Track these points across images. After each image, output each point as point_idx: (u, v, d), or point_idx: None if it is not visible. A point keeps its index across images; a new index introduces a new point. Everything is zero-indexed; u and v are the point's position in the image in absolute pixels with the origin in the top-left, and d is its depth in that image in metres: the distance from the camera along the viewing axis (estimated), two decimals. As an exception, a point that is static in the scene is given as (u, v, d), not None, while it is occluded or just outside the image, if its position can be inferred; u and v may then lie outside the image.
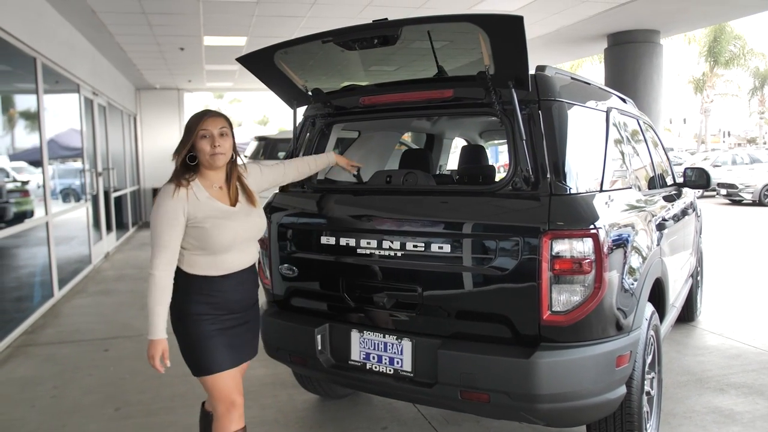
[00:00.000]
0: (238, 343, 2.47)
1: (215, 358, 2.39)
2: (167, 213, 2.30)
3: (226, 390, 2.44)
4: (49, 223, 6.63)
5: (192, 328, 2.37)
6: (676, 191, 4.38)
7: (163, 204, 2.31)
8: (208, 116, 2.40)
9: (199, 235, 2.34)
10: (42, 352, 5.00)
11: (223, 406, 2.45)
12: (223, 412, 2.45)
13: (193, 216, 2.33)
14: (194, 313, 2.37)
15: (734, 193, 17.64)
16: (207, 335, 2.38)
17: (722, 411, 3.60)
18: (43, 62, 6.59)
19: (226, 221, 2.38)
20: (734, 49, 32.53)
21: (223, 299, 2.41)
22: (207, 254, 2.37)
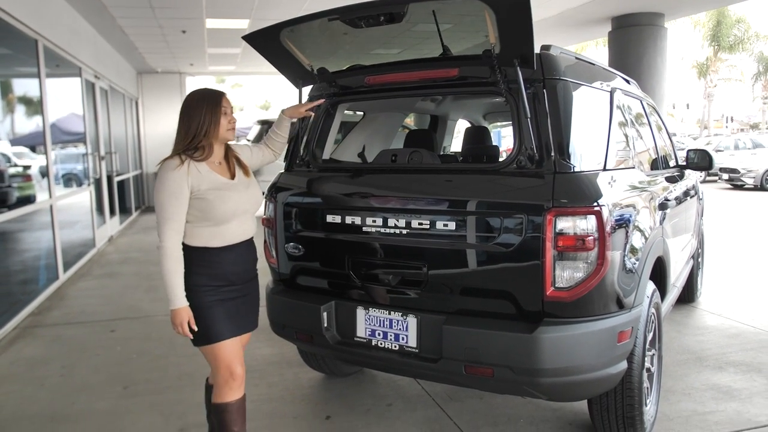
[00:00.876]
0: (236, 314, 2.56)
1: (215, 328, 2.48)
2: (172, 185, 2.38)
3: (226, 359, 2.52)
4: (53, 206, 6.66)
5: (193, 299, 2.44)
6: (678, 173, 4.41)
7: (167, 177, 2.40)
8: (224, 95, 2.55)
9: (202, 207, 2.43)
10: (49, 333, 5.06)
11: (222, 375, 2.54)
12: (222, 381, 2.55)
13: (196, 188, 2.42)
14: (195, 285, 2.45)
15: (736, 177, 17.64)
16: (207, 305, 2.46)
17: (720, 388, 3.65)
18: (45, 45, 6.59)
19: (227, 192, 2.48)
20: (738, 33, 32.33)
21: (223, 271, 2.50)
22: (209, 225, 2.46)
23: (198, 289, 2.46)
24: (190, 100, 2.50)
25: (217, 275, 2.49)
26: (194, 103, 2.48)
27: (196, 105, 2.47)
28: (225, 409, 2.57)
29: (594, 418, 2.93)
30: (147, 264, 7.89)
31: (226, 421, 2.58)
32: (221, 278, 2.50)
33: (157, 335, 4.90)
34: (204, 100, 2.48)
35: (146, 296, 6.18)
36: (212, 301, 2.48)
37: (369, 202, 2.89)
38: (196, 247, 2.47)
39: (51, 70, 6.95)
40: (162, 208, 2.39)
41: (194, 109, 2.46)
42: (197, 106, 2.46)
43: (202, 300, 2.46)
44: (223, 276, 2.51)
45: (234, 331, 2.55)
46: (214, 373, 2.59)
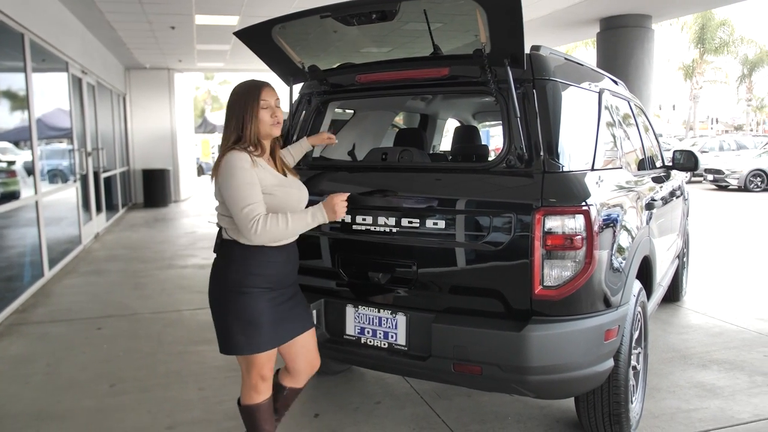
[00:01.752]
0: (286, 319, 2.47)
1: (263, 338, 2.38)
2: (248, 174, 2.27)
3: (259, 366, 2.46)
4: (38, 202, 6.60)
5: (249, 304, 2.34)
6: (665, 173, 4.45)
7: (238, 167, 2.26)
8: (265, 87, 2.39)
9: (271, 203, 2.34)
10: (34, 331, 5.01)
11: (252, 380, 2.50)
12: (251, 385, 2.51)
13: (263, 182, 2.33)
14: (251, 287, 2.35)
15: (721, 178, 17.83)
16: (259, 312, 2.36)
17: (704, 385, 3.70)
18: (31, 39, 6.52)
19: (288, 188, 2.43)
20: (723, 35, 32.66)
21: (277, 272, 2.41)
22: None
23: (252, 292, 2.35)
24: (233, 93, 2.39)
25: (271, 276, 2.39)
26: (235, 98, 2.38)
27: (237, 99, 2.37)
28: (256, 410, 2.54)
29: (581, 415, 2.96)
30: (134, 261, 7.84)
31: (257, 421, 2.55)
32: (274, 280, 2.41)
33: (145, 333, 4.88)
34: (243, 95, 2.36)
35: (133, 293, 6.14)
36: (267, 307, 2.38)
37: (358, 200, 2.89)
38: (254, 246, 2.35)
39: (37, 64, 6.89)
40: (242, 197, 2.24)
41: (235, 104, 2.36)
42: (237, 100, 2.36)
43: (255, 306, 2.35)
44: (277, 278, 2.41)
45: (279, 340, 2.45)
46: (244, 375, 2.51)
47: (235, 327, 2.37)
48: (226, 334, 2.40)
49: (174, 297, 5.86)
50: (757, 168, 17.40)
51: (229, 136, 2.36)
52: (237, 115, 2.35)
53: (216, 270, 2.44)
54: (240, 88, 2.39)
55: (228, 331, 2.39)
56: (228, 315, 2.38)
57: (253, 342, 2.38)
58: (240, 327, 2.36)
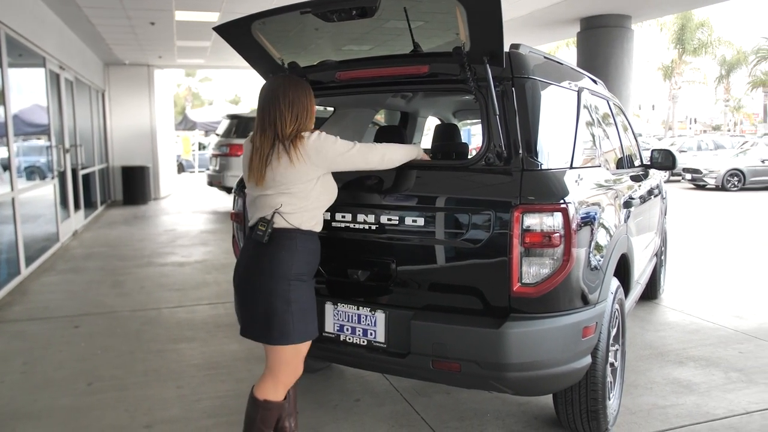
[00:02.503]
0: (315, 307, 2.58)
1: (315, 324, 2.51)
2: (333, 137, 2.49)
3: (302, 357, 2.53)
4: (15, 199, 6.50)
5: (306, 291, 2.45)
6: (643, 172, 4.50)
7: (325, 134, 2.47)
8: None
9: (327, 185, 2.52)
10: (10, 329, 4.93)
11: (293, 373, 2.53)
12: (288, 379, 2.54)
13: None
14: (300, 275, 2.43)
15: (698, 178, 18.08)
16: (311, 299, 2.49)
17: (681, 382, 3.75)
18: (6, 33, 6.41)
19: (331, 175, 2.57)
20: (702, 36, 33.11)
21: (316, 259, 2.54)
22: (317, 208, 2.50)
23: (303, 279, 2.44)
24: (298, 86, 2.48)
25: (314, 264, 2.52)
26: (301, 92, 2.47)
27: (302, 94, 2.47)
28: (277, 408, 2.53)
29: (559, 412, 2.98)
30: (112, 259, 7.75)
31: (268, 419, 2.53)
32: (314, 268, 2.52)
33: (122, 331, 4.82)
34: (303, 91, 2.49)
35: (111, 291, 6.07)
36: (313, 294, 2.51)
37: (338, 197, 2.88)
38: (306, 231, 2.45)
39: (13, 59, 6.78)
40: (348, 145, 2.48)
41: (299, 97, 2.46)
42: (303, 94, 2.47)
43: (310, 293, 2.49)
44: (315, 265, 2.53)
45: (318, 328, 2.58)
46: (278, 371, 2.50)
47: (297, 316, 2.41)
48: (284, 324, 2.40)
49: (153, 295, 5.80)
50: (734, 168, 17.67)
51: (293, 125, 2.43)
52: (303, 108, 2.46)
53: (273, 258, 2.41)
54: (301, 83, 2.52)
55: (288, 321, 2.40)
56: (290, 303, 2.40)
57: (309, 329, 2.47)
58: (300, 315, 2.42)
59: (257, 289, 2.42)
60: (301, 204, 2.43)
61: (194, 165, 26.17)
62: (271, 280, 2.40)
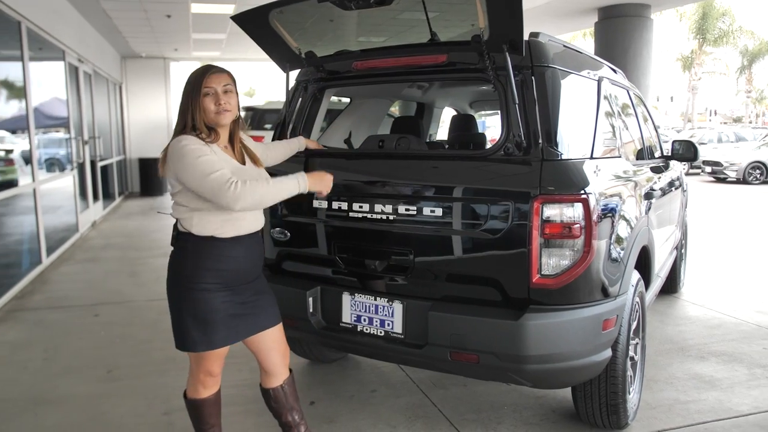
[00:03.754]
0: (249, 314, 2.39)
1: (221, 334, 2.31)
2: (201, 149, 2.18)
3: (208, 364, 2.41)
4: (36, 190, 6.57)
5: (201, 301, 2.26)
6: (663, 163, 4.43)
7: (189, 146, 2.17)
8: (210, 72, 2.27)
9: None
10: (31, 317, 5.00)
11: (200, 376, 2.44)
12: (199, 381, 2.46)
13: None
14: (201, 284, 2.26)
15: (719, 170, 17.80)
16: (215, 309, 2.28)
17: (702, 377, 3.70)
18: (28, 27, 6.46)
19: (241, 176, 2.25)
20: (723, 26, 32.53)
21: (233, 268, 2.31)
22: (219, 212, 2.25)
23: (205, 289, 2.26)
24: (186, 81, 2.30)
25: (227, 273, 2.29)
26: (185, 85, 2.28)
27: (184, 87, 2.28)
28: (201, 404, 2.50)
29: (578, 405, 2.95)
30: (130, 249, 7.83)
31: (202, 415, 2.52)
32: (230, 277, 2.31)
33: (140, 320, 4.87)
34: (189, 82, 2.27)
35: (129, 281, 6.13)
36: (221, 303, 2.28)
37: (355, 187, 2.87)
38: (205, 237, 2.26)
39: (34, 53, 6.83)
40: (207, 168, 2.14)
41: (183, 92, 2.28)
42: (184, 88, 2.27)
43: (208, 303, 2.27)
44: (233, 275, 2.31)
45: (235, 337, 2.37)
46: (192, 370, 2.46)
47: (189, 323, 2.29)
48: (180, 330, 2.33)
49: (171, 285, 5.83)
50: (756, 160, 17.34)
51: (178, 124, 2.29)
52: (183, 103, 2.28)
53: (170, 264, 2.35)
54: (189, 75, 2.30)
55: (182, 328, 2.32)
56: (181, 311, 2.30)
57: (207, 339, 2.30)
58: (194, 324, 2.28)
59: (166, 291, 2.38)
60: (191, 207, 2.26)
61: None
62: (169, 285, 2.34)
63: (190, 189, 2.21)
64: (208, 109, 2.26)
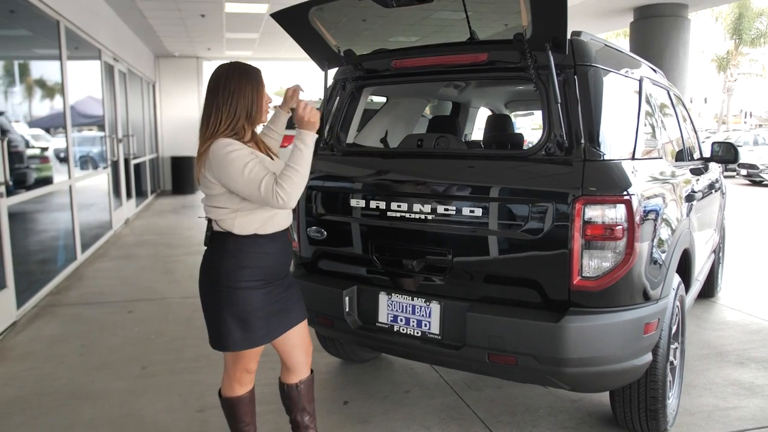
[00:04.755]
0: (280, 312, 2.38)
1: (262, 331, 2.32)
2: (245, 152, 2.16)
3: (251, 360, 2.42)
4: (72, 187, 6.70)
5: (243, 299, 2.26)
6: (703, 165, 4.34)
7: (235, 147, 2.15)
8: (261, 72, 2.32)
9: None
10: (68, 312, 5.09)
11: (237, 374, 2.45)
12: (235, 378, 2.47)
13: None
14: (246, 281, 2.26)
15: (755, 173, 17.42)
16: (257, 307, 2.28)
17: (742, 384, 3.61)
18: (66, 26, 6.59)
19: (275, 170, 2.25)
20: (761, 26, 31.76)
21: (271, 264, 2.31)
22: (262, 210, 2.26)
23: (247, 287, 2.26)
24: (230, 75, 2.22)
25: (265, 269, 2.29)
26: (236, 81, 2.22)
27: (239, 82, 2.22)
28: (237, 402, 2.51)
29: (616, 410, 2.90)
30: (162, 246, 7.93)
31: (238, 414, 2.53)
32: (269, 273, 2.31)
33: (174, 317, 4.92)
34: (248, 78, 2.23)
35: (162, 278, 6.20)
36: (258, 303, 2.28)
37: (394, 186, 2.86)
38: (247, 236, 2.26)
39: (71, 52, 6.96)
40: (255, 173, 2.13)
41: (239, 88, 2.21)
42: (241, 84, 2.22)
43: (250, 301, 2.26)
44: (271, 270, 2.31)
45: (273, 334, 2.37)
46: (228, 368, 2.47)
47: (230, 323, 2.27)
48: (218, 330, 2.31)
49: (203, 283, 5.89)
50: (793, 163, 16.94)
51: (221, 119, 2.21)
52: (239, 97, 2.21)
53: (207, 264, 2.34)
54: (241, 70, 2.25)
55: (221, 327, 2.30)
56: (222, 310, 2.28)
57: (249, 338, 2.30)
58: (235, 323, 2.27)
59: (199, 291, 2.38)
60: (233, 208, 2.25)
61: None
62: (206, 285, 2.33)
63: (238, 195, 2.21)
64: (265, 108, 2.32)
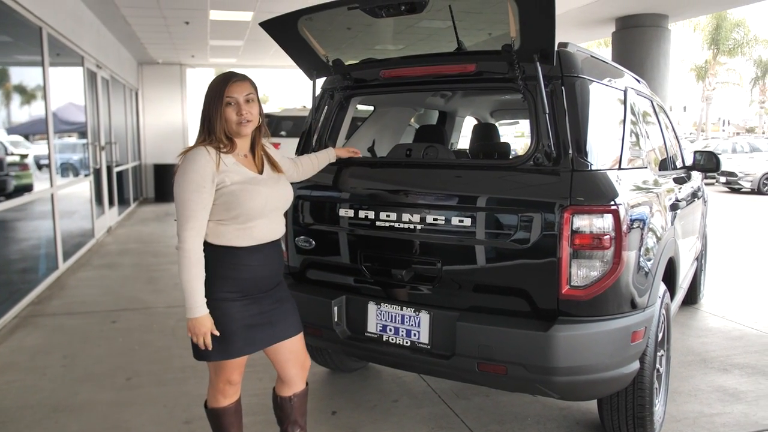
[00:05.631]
0: (268, 323, 2.34)
1: (238, 344, 2.27)
2: (195, 179, 2.15)
3: (227, 373, 2.37)
4: (54, 195, 6.61)
5: (217, 309, 2.21)
6: (686, 174, 4.40)
7: (191, 170, 2.16)
8: (232, 81, 2.22)
9: (228, 201, 2.19)
10: (50, 323, 5.02)
11: (219, 385, 2.41)
12: (218, 390, 2.43)
13: (221, 181, 2.19)
14: (218, 293, 2.22)
15: (734, 181, 17.70)
16: (231, 319, 2.24)
17: (726, 390, 3.65)
18: (48, 33, 6.53)
19: (255, 186, 2.25)
20: (737, 36, 32.38)
21: (250, 275, 2.27)
22: (236, 222, 2.23)
23: (221, 299, 2.22)
24: (207, 88, 2.26)
25: (244, 281, 2.26)
26: (205, 93, 2.25)
27: (205, 95, 2.23)
28: (222, 414, 2.47)
29: (603, 418, 2.92)
30: (146, 255, 7.85)
31: (223, 425, 2.49)
32: (247, 286, 2.27)
33: (159, 327, 4.87)
34: (210, 90, 2.24)
35: (146, 287, 6.14)
36: (234, 315, 2.24)
37: (383, 196, 2.86)
38: (220, 246, 2.23)
39: (53, 58, 6.89)
40: (184, 204, 2.14)
41: (204, 101, 2.23)
42: (205, 97, 2.23)
43: (224, 313, 2.22)
44: (251, 281, 2.27)
45: (253, 347, 2.32)
46: (211, 379, 2.44)
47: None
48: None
49: (187, 292, 5.82)
50: (771, 171, 17.26)
51: (200, 134, 2.27)
52: (204, 111, 2.24)
53: None
54: (210, 83, 2.26)
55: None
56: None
57: (223, 349, 2.26)
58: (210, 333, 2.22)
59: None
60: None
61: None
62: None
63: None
64: (230, 120, 2.22)
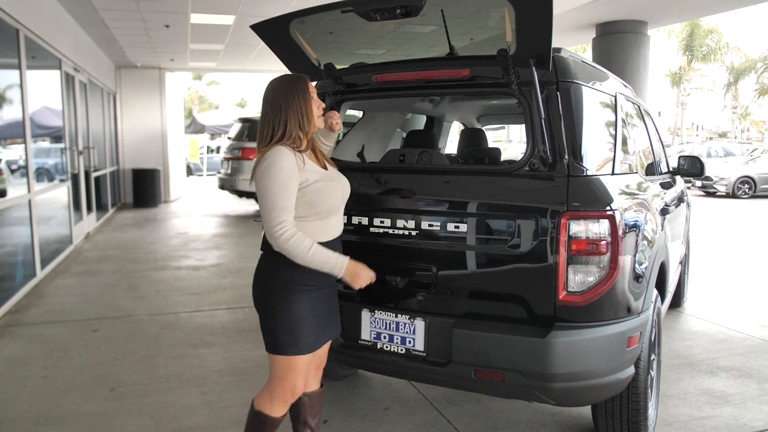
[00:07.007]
0: (326, 320, 2.41)
1: (310, 338, 2.32)
2: (285, 174, 2.19)
3: (297, 374, 2.36)
4: (31, 201, 6.46)
5: (298, 301, 2.28)
6: (671, 178, 4.44)
7: (278, 165, 2.19)
8: (307, 79, 2.37)
9: (311, 199, 2.26)
10: (28, 332, 4.88)
11: (284, 390, 2.38)
12: (281, 395, 2.40)
13: (305, 180, 2.24)
14: (300, 285, 2.28)
15: (709, 185, 17.99)
16: (310, 311, 2.31)
17: (714, 393, 3.68)
18: (26, 35, 6.39)
19: (330, 182, 2.34)
20: (711, 43, 33.02)
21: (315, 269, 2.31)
22: (318, 218, 2.30)
23: (300, 290, 2.28)
24: (277, 89, 2.30)
25: (319, 274, 2.29)
26: (283, 93, 2.29)
27: (286, 96, 2.28)
28: (270, 423, 2.44)
29: (598, 423, 2.91)
30: (126, 262, 7.71)
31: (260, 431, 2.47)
32: (322, 278, 2.32)
33: (142, 335, 4.77)
34: (294, 91, 2.29)
35: (127, 295, 6.02)
36: (314, 305, 2.32)
37: (377, 202, 2.83)
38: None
39: (29, 61, 6.75)
40: (274, 198, 2.18)
41: (280, 101, 2.28)
42: (287, 97, 2.28)
43: (302, 305, 2.29)
44: (324, 276, 2.31)
45: (318, 343, 2.38)
46: (273, 384, 2.40)
47: (281, 327, 2.30)
48: (272, 334, 2.33)
49: (169, 299, 5.75)
50: (744, 175, 17.62)
51: (274, 133, 2.28)
52: (278, 111, 2.28)
53: (264, 267, 2.37)
54: (285, 83, 2.32)
55: (274, 331, 2.32)
56: (275, 314, 2.31)
57: (298, 343, 2.31)
58: (286, 327, 2.29)
59: (253, 296, 2.42)
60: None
61: (202, 168, 26.32)
62: (260, 288, 2.37)
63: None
64: (314, 113, 2.34)
